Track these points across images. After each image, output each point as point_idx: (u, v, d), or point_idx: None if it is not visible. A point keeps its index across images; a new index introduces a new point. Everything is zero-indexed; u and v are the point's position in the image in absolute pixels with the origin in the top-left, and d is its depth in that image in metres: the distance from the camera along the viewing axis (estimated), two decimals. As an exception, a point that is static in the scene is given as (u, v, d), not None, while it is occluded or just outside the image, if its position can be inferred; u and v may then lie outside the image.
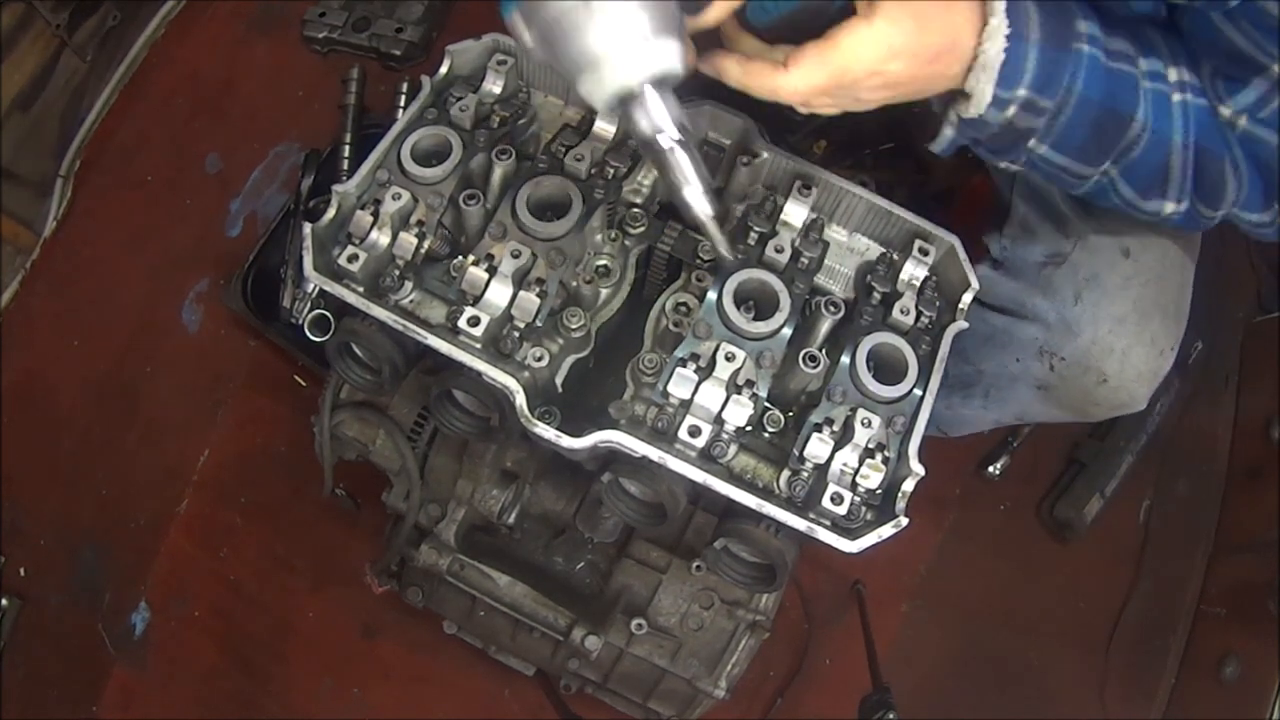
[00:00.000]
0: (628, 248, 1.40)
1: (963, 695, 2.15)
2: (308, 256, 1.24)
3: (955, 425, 1.81)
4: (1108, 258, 1.45)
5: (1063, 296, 1.46)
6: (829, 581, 2.15)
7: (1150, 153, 1.19)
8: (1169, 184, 1.22)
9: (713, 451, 1.22)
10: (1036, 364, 1.51)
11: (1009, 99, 1.10)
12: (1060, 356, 1.48)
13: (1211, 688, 2.04)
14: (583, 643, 1.58)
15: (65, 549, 2.19)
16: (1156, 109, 1.17)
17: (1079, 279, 1.45)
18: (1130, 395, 1.49)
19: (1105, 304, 1.44)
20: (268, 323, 2.22)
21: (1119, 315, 1.44)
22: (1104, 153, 1.19)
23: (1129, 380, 1.47)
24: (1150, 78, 1.18)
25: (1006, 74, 1.08)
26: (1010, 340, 1.54)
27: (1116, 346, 1.44)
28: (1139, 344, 1.44)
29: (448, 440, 1.66)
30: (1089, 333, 1.44)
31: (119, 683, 2.10)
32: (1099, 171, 1.22)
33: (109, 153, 2.52)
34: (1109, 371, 1.46)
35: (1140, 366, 1.46)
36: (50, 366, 2.34)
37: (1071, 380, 1.50)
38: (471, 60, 1.42)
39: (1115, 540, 2.26)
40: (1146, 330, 1.45)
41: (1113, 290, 1.44)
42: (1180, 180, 1.21)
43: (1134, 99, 1.16)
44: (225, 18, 2.67)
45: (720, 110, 1.38)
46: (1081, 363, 1.47)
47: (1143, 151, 1.19)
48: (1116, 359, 1.45)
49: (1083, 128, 1.15)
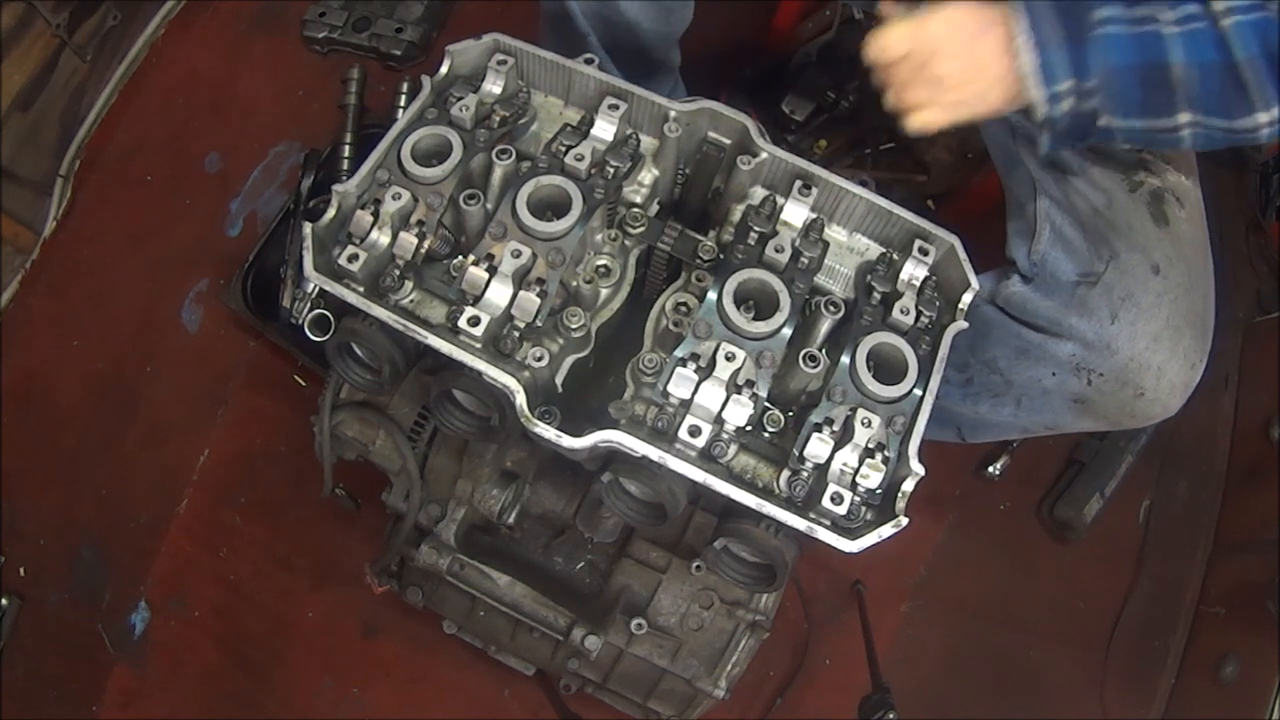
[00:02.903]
0: (628, 248, 1.40)
1: (963, 695, 2.15)
2: (308, 256, 1.24)
3: (979, 431, 1.82)
4: (1140, 276, 1.49)
5: (1099, 316, 1.49)
6: (829, 581, 2.15)
7: (1208, 82, 1.26)
8: (1250, 95, 1.25)
9: (713, 451, 1.22)
10: (1073, 379, 1.54)
11: (1059, 93, 1.28)
12: (1099, 373, 1.51)
13: (1211, 688, 2.04)
14: (583, 643, 1.58)
15: (65, 549, 2.19)
16: (1193, 44, 1.26)
17: (1114, 298, 1.48)
18: (1164, 407, 1.53)
19: (1141, 322, 1.48)
20: (267, 322, 2.22)
21: (1154, 332, 1.48)
22: (1166, 101, 1.29)
23: (1164, 393, 1.51)
24: (1182, 22, 1.27)
25: (1045, 75, 1.28)
26: (1045, 356, 1.56)
27: (1153, 362, 1.48)
28: (1174, 358, 1.49)
29: (448, 440, 1.66)
30: (1127, 351, 1.48)
31: (119, 683, 2.10)
32: (1185, 123, 1.30)
33: (109, 153, 2.52)
34: (1146, 386, 1.50)
35: (1174, 379, 1.50)
36: (50, 366, 2.34)
37: (1109, 395, 1.53)
38: (471, 60, 1.42)
39: (1115, 540, 2.26)
40: (1180, 345, 1.49)
41: (1147, 308, 1.48)
42: (1259, 87, 1.25)
43: (1163, 49, 1.26)
44: (225, 18, 2.67)
45: (720, 110, 1.38)
46: (1119, 378, 1.50)
47: (1201, 84, 1.26)
48: (1153, 374, 1.49)
49: (1133, 91, 1.29)
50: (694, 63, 2.00)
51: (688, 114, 1.37)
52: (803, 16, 2.45)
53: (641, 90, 1.38)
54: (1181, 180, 1.59)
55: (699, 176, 1.46)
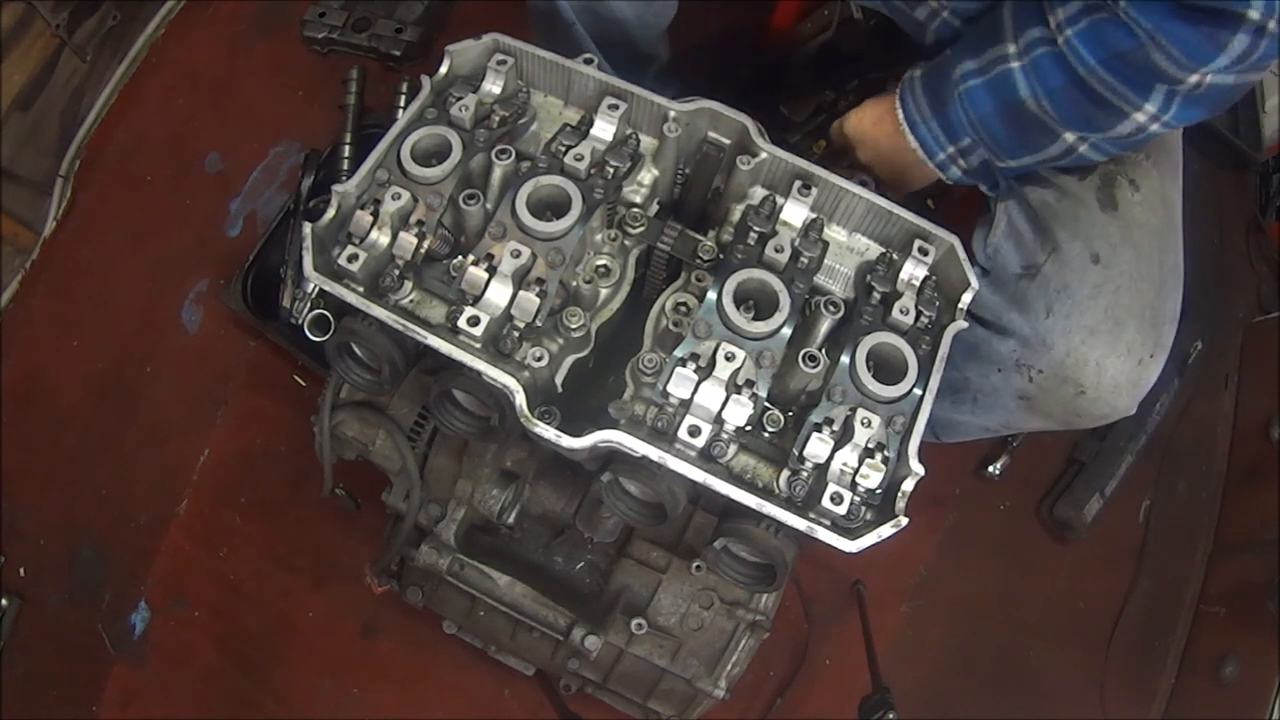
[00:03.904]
0: (627, 247, 1.40)
1: (963, 695, 2.15)
2: (308, 256, 1.24)
3: (948, 430, 1.81)
4: (1077, 267, 1.44)
5: (1035, 311, 1.46)
6: (829, 581, 2.15)
7: (1061, 103, 1.32)
8: (1111, 101, 1.28)
9: (712, 451, 1.22)
10: (1016, 376, 1.51)
11: (944, 160, 1.47)
12: (1038, 370, 1.48)
13: (1211, 688, 2.04)
14: (582, 643, 1.58)
15: (65, 549, 2.19)
16: (1038, 71, 1.32)
17: (1050, 291, 1.45)
18: (1110, 406, 1.48)
19: (1076, 316, 1.43)
20: (267, 323, 2.22)
21: (1090, 326, 1.43)
22: (1040, 130, 1.36)
23: (1106, 391, 1.45)
24: (1027, 49, 1.33)
25: (929, 148, 1.47)
26: (991, 353, 1.54)
27: (1090, 358, 1.43)
28: (1113, 354, 1.43)
29: (448, 440, 1.66)
30: (1062, 346, 1.44)
31: (119, 683, 2.10)
32: (1070, 143, 1.36)
33: (109, 153, 2.52)
34: (1086, 383, 1.45)
35: (1117, 377, 1.44)
36: (50, 366, 2.34)
37: (1050, 392, 1.49)
38: (471, 60, 1.42)
39: (1115, 540, 2.26)
40: (1121, 339, 1.43)
41: (1083, 301, 1.43)
42: (1113, 91, 1.27)
43: (1012, 85, 1.34)
44: (225, 18, 2.67)
45: (720, 110, 1.38)
46: (1058, 375, 1.46)
47: (1055, 107, 1.33)
48: (1092, 370, 1.44)
49: (1001, 131, 1.40)
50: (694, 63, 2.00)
51: (687, 114, 1.37)
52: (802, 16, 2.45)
53: (641, 90, 1.38)
54: (1141, 161, 1.53)
55: (699, 176, 1.46)
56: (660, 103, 1.38)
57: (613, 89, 1.39)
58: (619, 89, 1.39)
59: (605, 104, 1.38)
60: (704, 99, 1.38)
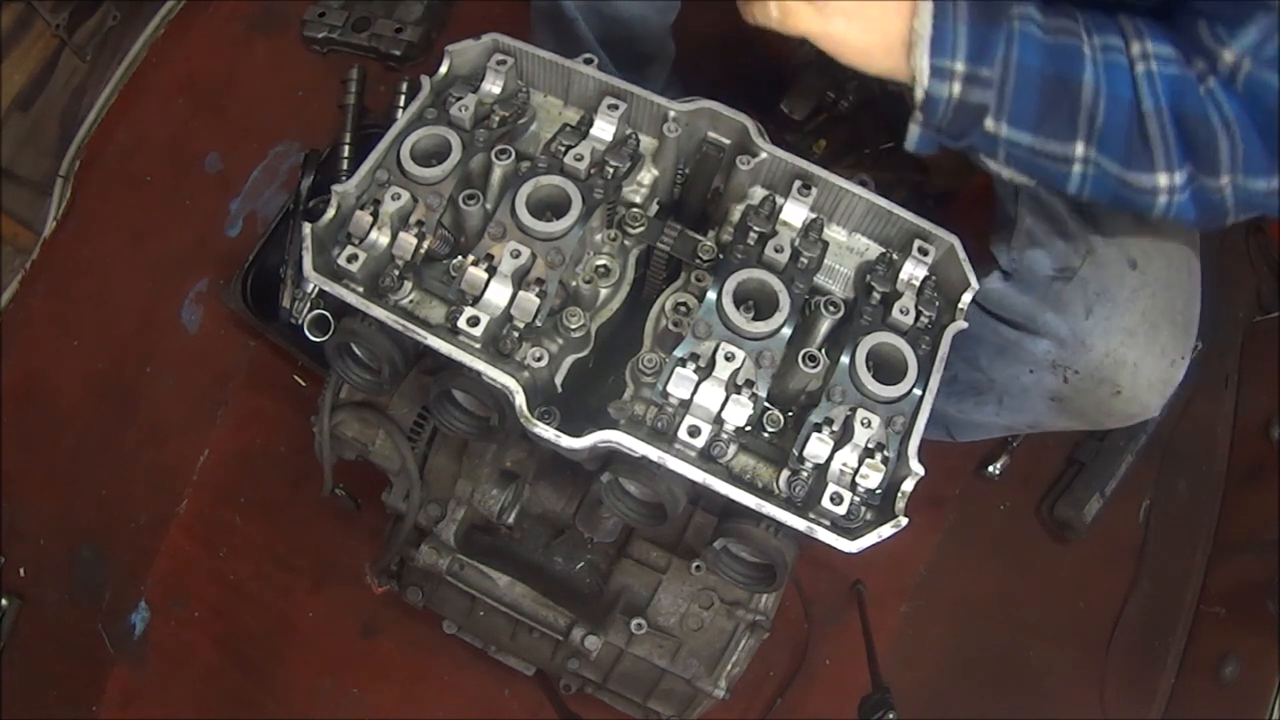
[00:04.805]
0: (627, 247, 1.40)
1: (963, 695, 2.15)
2: (307, 256, 1.24)
3: (967, 430, 1.81)
4: (1115, 270, 1.46)
5: (1073, 312, 1.47)
6: (829, 581, 2.15)
7: (1114, 115, 1.18)
8: (1152, 149, 1.18)
9: (712, 451, 1.22)
10: (1050, 377, 1.52)
11: (948, 69, 1.16)
12: (1074, 370, 1.49)
13: (1211, 688, 2.04)
14: (582, 643, 1.58)
15: (65, 549, 2.20)
16: (1110, 74, 1.18)
17: (1089, 293, 1.46)
18: (1142, 405, 1.51)
19: (1116, 317, 1.45)
20: (267, 323, 2.22)
21: (1129, 328, 1.45)
22: (1065, 122, 1.19)
23: (1141, 391, 1.48)
24: (1104, 50, 1.20)
25: (938, 45, 1.15)
26: (1023, 353, 1.54)
27: (1129, 359, 1.46)
28: (1149, 355, 1.46)
29: (448, 440, 1.66)
30: (1101, 347, 1.46)
31: (119, 683, 2.10)
32: (1077, 156, 1.21)
33: (109, 153, 2.52)
34: (1122, 383, 1.47)
35: (1152, 377, 1.47)
36: (50, 366, 2.34)
37: (1085, 393, 1.51)
38: (471, 60, 1.42)
39: (1115, 540, 2.26)
40: (1156, 341, 1.46)
41: (1122, 303, 1.45)
42: (1163, 144, 1.18)
43: (1079, 64, 1.18)
44: (225, 18, 2.67)
45: (720, 110, 1.38)
46: (1095, 375, 1.48)
47: (1107, 116, 1.18)
48: (1129, 371, 1.46)
49: (1032, 96, 1.18)
50: (693, 63, 2.00)
51: (687, 114, 1.37)
52: (802, 16, 2.44)
53: (641, 90, 1.38)
54: None
55: (698, 176, 1.46)
56: (660, 103, 1.37)
57: (612, 89, 1.39)
58: (618, 89, 1.39)
59: (605, 104, 1.38)
60: (703, 99, 1.38)
